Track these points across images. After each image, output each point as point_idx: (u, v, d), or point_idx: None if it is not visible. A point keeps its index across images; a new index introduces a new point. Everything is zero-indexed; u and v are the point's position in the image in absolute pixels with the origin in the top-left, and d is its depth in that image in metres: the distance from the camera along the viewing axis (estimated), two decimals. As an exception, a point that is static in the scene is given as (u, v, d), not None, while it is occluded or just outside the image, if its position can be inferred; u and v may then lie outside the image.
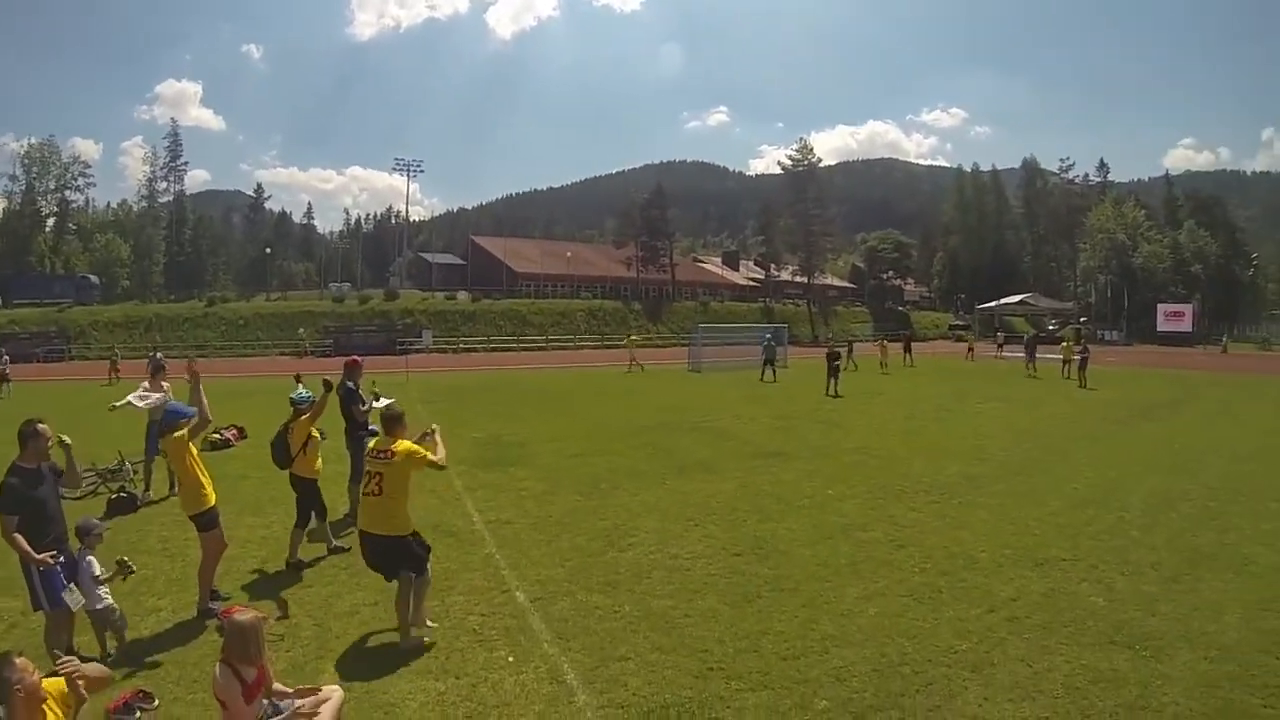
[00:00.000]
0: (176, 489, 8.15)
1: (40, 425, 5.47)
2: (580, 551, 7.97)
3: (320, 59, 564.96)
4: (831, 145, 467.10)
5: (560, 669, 5.29)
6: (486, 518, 9.30)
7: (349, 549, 7.62)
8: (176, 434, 6.41)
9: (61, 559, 5.43)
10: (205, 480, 6.50)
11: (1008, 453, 13.38)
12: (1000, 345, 44.12)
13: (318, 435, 8.16)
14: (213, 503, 6.51)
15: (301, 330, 54.61)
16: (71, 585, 5.38)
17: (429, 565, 6.07)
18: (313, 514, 7.97)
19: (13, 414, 19.68)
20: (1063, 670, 5.18)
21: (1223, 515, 9.21)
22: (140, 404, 10.72)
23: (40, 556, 5.20)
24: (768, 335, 32.42)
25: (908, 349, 38.84)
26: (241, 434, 15.26)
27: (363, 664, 5.48)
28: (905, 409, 20.03)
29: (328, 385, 8.80)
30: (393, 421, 6.20)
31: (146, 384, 10.95)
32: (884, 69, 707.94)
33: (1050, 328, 71.58)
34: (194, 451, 6.51)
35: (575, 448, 14.09)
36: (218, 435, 14.48)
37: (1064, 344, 30.00)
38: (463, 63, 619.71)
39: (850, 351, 33.46)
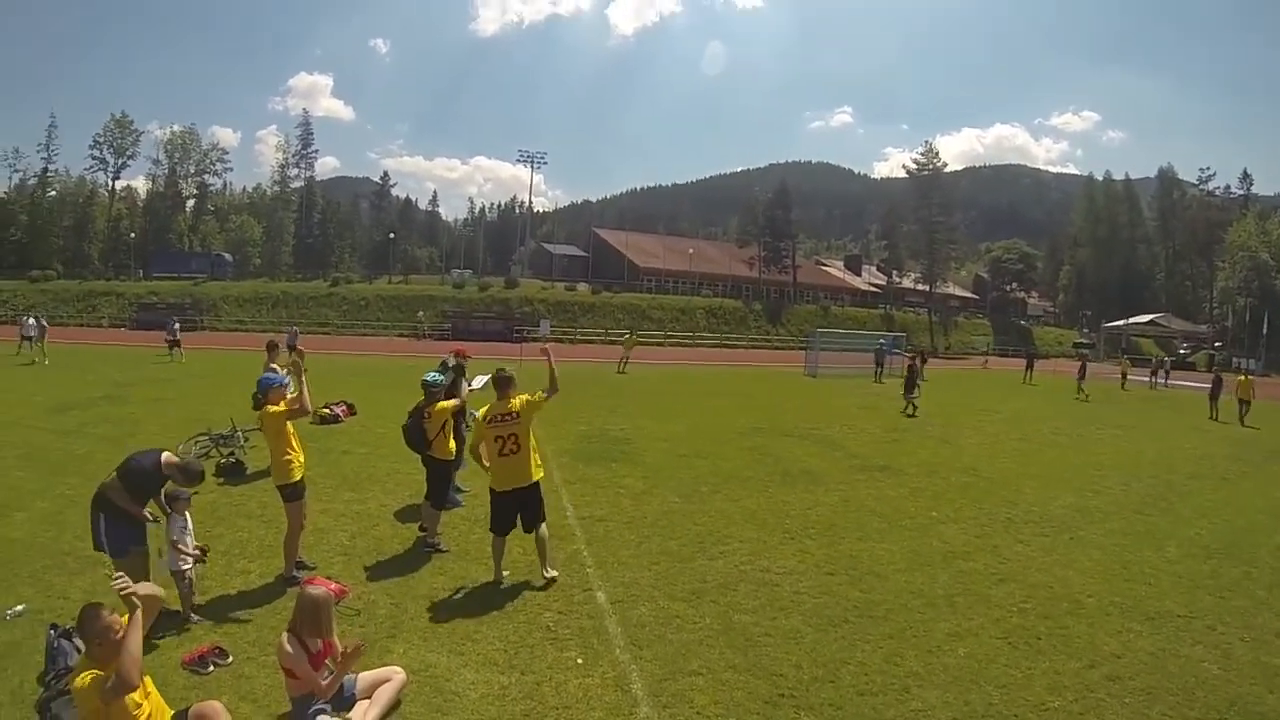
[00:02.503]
0: None
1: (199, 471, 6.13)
2: (670, 556, 7.81)
3: (445, 53, 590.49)
4: (957, 149, 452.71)
5: (628, 677, 5.17)
6: (580, 513, 9.22)
7: (447, 550, 7.68)
8: (273, 409, 6.59)
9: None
10: (295, 455, 6.67)
11: (1127, 487, 12.42)
12: (1155, 372, 39.92)
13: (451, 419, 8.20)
14: (299, 477, 6.69)
15: (421, 313, 56.60)
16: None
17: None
18: (430, 497, 7.93)
19: (180, 375, 21.45)
20: (1163, 747, 4.67)
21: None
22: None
23: (142, 512, 5.78)
24: (881, 340, 35.58)
25: (1030, 366, 37.81)
26: (351, 410, 15.77)
27: (432, 648, 5.51)
28: (1020, 430, 19.00)
29: (459, 369, 9.34)
30: (506, 383, 6.86)
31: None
32: (1012, 69, 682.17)
33: (1181, 352, 67.00)
34: (289, 427, 6.67)
35: (680, 447, 13.89)
36: (327, 410, 15.01)
37: (1241, 379, 25.25)
38: (585, 58, 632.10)
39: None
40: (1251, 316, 69.36)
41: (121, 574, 3.97)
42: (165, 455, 5.84)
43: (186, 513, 6.05)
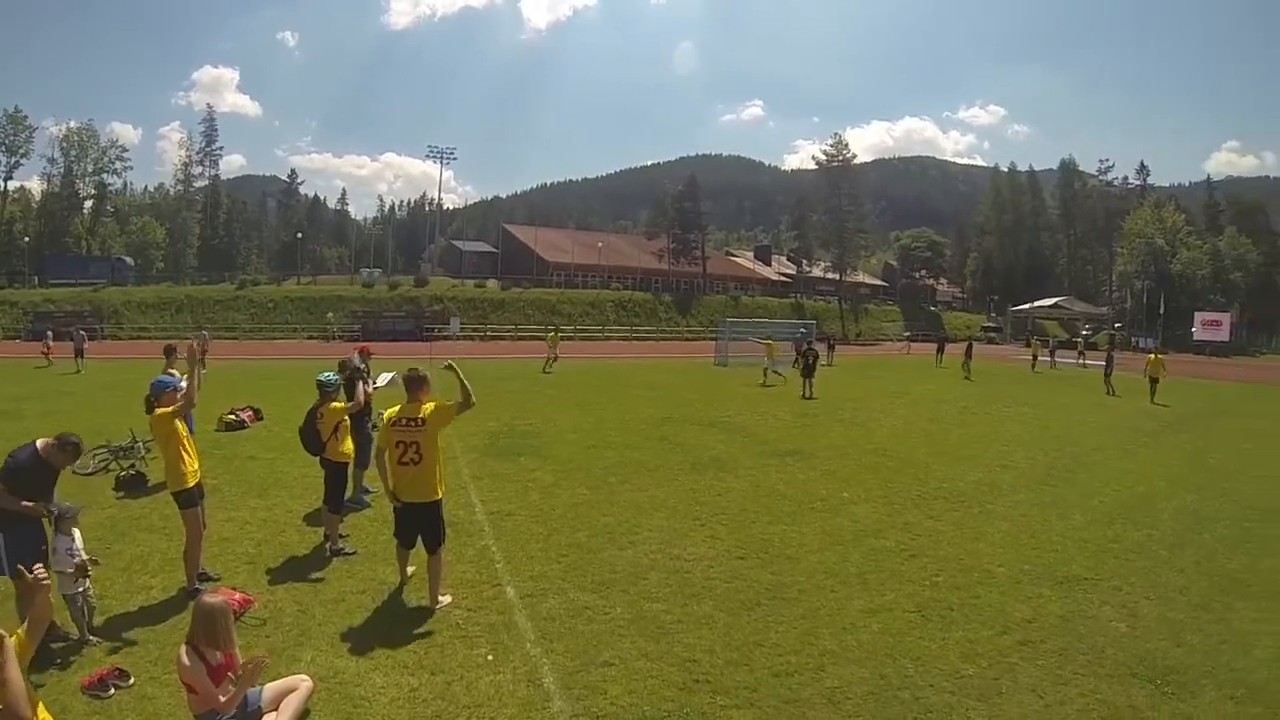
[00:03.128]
0: None
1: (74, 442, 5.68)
2: (579, 548, 7.73)
3: (356, 47, 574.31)
4: (867, 142, 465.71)
5: (539, 671, 5.07)
6: (489, 508, 9.10)
7: (354, 553, 7.42)
8: (161, 411, 6.27)
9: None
10: (188, 460, 6.39)
11: (1032, 461, 12.93)
12: (1054, 352, 41.72)
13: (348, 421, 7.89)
14: (193, 483, 6.41)
15: (330, 315, 55.00)
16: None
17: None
18: (327, 501, 7.60)
19: (79, 387, 20.27)
20: (1076, 704, 4.81)
21: (1258, 538, 8.70)
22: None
23: (30, 505, 5.37)
24: (801, 330, 36.18)
25: (940, 350, 39.33)
26: (257, 415, 15.21)
27: (341, 654, 5.32)
28: (929, 410, 19.63)
29: (343, 366, 8.95)
30: (417, 383, 6.17)
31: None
32: (922, 64, 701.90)
33: (1084, 333, 70.29)
34: (181, 430, 6.36)
35: (589, 440, 13.84)
36: (233, 416, 14.46)
37: (1151, 358, 25.46)
38: (498, 52, 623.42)
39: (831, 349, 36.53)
40: (1148, 298, 73.28)
41: (40, 565, 3.67)
42: (40, 441, 5.52)
43: (74, 530, 5.68)
